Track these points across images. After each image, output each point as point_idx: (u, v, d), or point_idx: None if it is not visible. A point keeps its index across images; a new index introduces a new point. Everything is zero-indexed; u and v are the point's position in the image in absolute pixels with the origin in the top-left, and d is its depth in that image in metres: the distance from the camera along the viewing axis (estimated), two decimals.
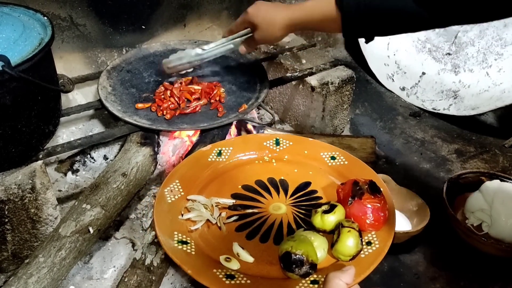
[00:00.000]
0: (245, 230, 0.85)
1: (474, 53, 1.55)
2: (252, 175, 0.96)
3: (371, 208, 0.82)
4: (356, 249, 0.77)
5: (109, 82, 1.27)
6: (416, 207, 1.18)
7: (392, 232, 0.81)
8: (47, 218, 1.04)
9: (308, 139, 1.05)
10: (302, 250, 0.73)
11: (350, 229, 0.78)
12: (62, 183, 1.30)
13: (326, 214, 0.82)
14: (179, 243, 0.78)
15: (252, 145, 1.01)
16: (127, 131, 1.14)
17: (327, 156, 0.99)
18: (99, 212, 1.02)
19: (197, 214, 0.86)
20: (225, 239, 0.82)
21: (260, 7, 1.08)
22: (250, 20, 1.08)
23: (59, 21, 1.28)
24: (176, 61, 1.23)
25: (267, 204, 0.90)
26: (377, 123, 1.60)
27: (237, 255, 0.80)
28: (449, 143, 1.51)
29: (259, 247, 0.81)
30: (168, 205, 0.86)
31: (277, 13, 1.05)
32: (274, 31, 1.06)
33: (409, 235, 1.10)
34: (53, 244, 0.95)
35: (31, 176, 0.99)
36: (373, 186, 0.85)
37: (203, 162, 0.97)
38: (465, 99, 1.55)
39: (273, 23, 1.05)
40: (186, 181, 0.91)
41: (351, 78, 1.40)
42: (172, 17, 1.49)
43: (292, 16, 1.03)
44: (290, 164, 0.99)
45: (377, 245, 0.79)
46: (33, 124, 0.95)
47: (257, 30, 1.08)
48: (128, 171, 1.10)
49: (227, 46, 1.18)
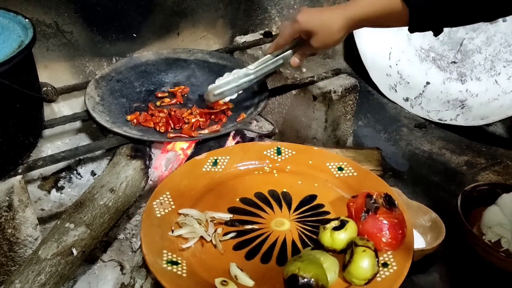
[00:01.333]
0: (244, 248, 0.76)
1: (481, 61, 1.49)
2: (251, 186, 0.87)
3: (388, 224, 0.73)
4: (372, 271, 0.68)
5: (97, 92, 1.18)
6: (429, 222, 1.09)
7: (411, 252, 0.72)
8: (26, 240, 0.94)
9: (313, 148, 0.97)
10: (311, 272, 0.64)
11: (365, 249, 0.69)
12: (45, 202, 1.21)
13: (337, 231, 0.73)
14: (168, 264, 0.69)
15: (251, 154, 0.93)
16: (116, 143, 1.05)
17: (334, 166, 0.91)
18: (83, 232, 0.93)
19: (189, 230, 0.77)
20: (221, 259, 0.73)
21: (311, 12, 1.00)
22: (303, 28, 0.98)
23: (44, 28, 1.21)
24: (223, 86, 1.07)
25: (268, 219, 0.81)
26: (381, 134, 1.52)
27: (235, 277, 0.70)
28: (458, 155, 1.43)
29: (260, 269, 0.72)
30: (158, 220, 0.77)
31: (333, 14, 0.97)
32: (333, 33, 0.96)
33: (424, 253, 1.01)
34: (32, 268, 0.85)
35: (8, 193, 0.89)
36: (389, 199, 0.76)
37: (197, 173, 0.88)
38: (473, 108, 1.48)
39: (331, 25, 0.96)
40: (177, 193, 0.83)
41: (355, 86, 1.33)
42: (165, 25, 1.42)
43: (350, 15, 0.94)
44: (293, 175, 0.90)
45: (394, 267, 0.70)
46: (11, 135, 0.86)
47: (314, 36, 0.98)
48: (117, 186, 1.00)
49: (277, 62, 1.06)
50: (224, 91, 1.08)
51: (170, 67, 1.31)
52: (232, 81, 1.07)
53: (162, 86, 1.23)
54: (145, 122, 1.09)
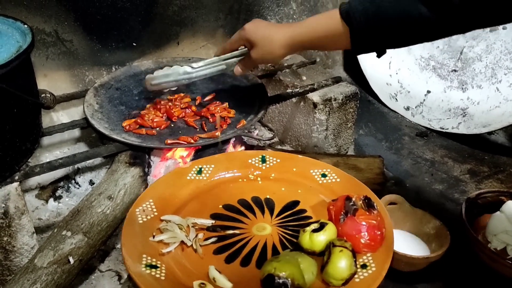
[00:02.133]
0: (224, 252, 0.76)
1: (482, 69, 1.48)
2: (235, 194, 0.87)
3: (366, 225, 0.73)
4: (350, 271, 0.67)
5: (96, 100, 1.17)
6: (433, 230, 1.07)
7: (390, 253, 0.72)
8: (22, 248, 0.92)
9: (297, 156, 0.97)
10: (287, 272, 0.63)
11: (342, 249, 0.69)
12: (43, 211, 1.19)
13: (316, 233, 0.73)
14: (147, 267, 0.69)
15: (236, 163, 0.93)
16: (114, 150, 1.04)
17: (318, 173, 0.91)
18: (81, 240, 0.91)
19: (170, 236, 0.77)
20: (201, 263, 0.73)
21: (259, 23, 1.01)
22: (247, 37, 1.00)
23: (44, 36, 1.20)
24: (161, 78, 1.13)
25: (250, 224, 0.81)
26: (383, 143, 1.51)
27: (213, 280, 0.70)
28: (460, 163, 1.41)
29: (239, 272, 0.72)
30: (139, 226, 0.77)
31: (277, 30, 0.98)
32: (273, 49, 0.97)
33: (428, 261, 0.99)
34: (27, 277, 0.84)
35: (4, 200, 0.88)
36: (368, 201, 0.76)
37: (181, 181, 0.88)
38: (475, 116, 1.47)
39: (272, 40, 0.97)
40: (161, 200, 0.83)
41: (355, 94, 1.32)
42: (165, 34, 1.42)
43: (293, 34, 0.96)
44: (277, 182, 0.91)
45: (373, 268, 0.69)
46: (8, 140, 0.85)
47: (255, 48, 1.00)
48: (115, 193, 0.99)
49: (219, 66, 1.08)
50: (161, 83, 1.13)
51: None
52: (170, 75, 1.11)
53: (162, 94, 1.22)
54: (137, 130, 1.08)
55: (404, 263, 1.00)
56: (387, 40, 0.88)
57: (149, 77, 1.14)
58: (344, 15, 0.86)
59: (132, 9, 1.30)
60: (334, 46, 0.97)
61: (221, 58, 1.07)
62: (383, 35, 0.86)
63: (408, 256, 0.98)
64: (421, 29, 0.83)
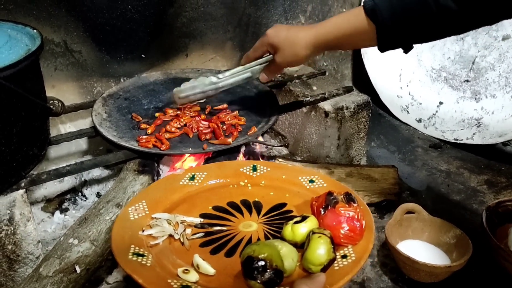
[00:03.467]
0: (210, 245, 0.77)
1: (495, 78, 1.46)
2: (224, 197, 0.89)
3: (346, 217, 0.74)
4: (328, 257, 0.67)
5: (104, 109, 1.15)
6: (454, 239, 1.03)
7: (370, 245, 0.72)
8: (27, 257, 0.89)
9: (287, 165, 1.01)
10: (265, 253, 0.63)
11: (320, 235, 0.69)
12: (49, 223, 1.16)
13: (297, 224, 0.74)
14: (134, 255, 0.71)
15: (228, 171, 0.95)
16: (123, 158, 1.01)
17: (306, 179, 0.93)
18: (88, 248, 0.88)
19: (158, 230, 0.77)
20: (187, 254, 0.74)
21: (280, 27, 1.01)
22: (270, 41, 0.99)
23: (53, 46, 1.19)
24: (188, 90, 1.09)
25: (237, 222, 0.83)
26: (396, 155, 1.48)
27: (197, 267, 0.70)
28: (477, 174, 1.37)
29: (223, 261, 0.73)
30: (130, 222, 0.79)
31: (300, 31, 0.97)
32: (297, 51, 0.96)
33: (450, 270, 0.94)
34: (32, 286, 0.80)
35: (10, 206, 0.85)
36: (348, 196, 0.78)
37: (174, 186, 0.90)
38: (490, 126, 1.44)
39: (296, 42, 0.96)
40: (153, 202, 0.85)
41: (367, 103, 1.30)
42: (174, 46, 1.41)
43: (317, 33, 0.95)
44: (267, 188, 0.92)
45: (353, 257, 0.70)
46: (14, 144, 0.83)
47: (279, 52, 0.99)
48: (124, 201, 0.96)
49: (245, 74, 1.07)
50: (189, 95, 1.09)
51: (179, 86, 1.29)
52: (197, 86, 1.08)
53: (171, 103, 1.20)
54: (144, 143, 1.04)
55: (424, 273, 0.96)
56: (414, 35, 0.87)
57: (177, 90, 1.10)
58: (369, 12, 0.86)
59: (141, 20, 1.30)
60: (360, 44, 0.97)
61: (246, 67, 1.06)
62: (410, 30, 0.85)
63: (429, 265, 0.94)
64: (447, 22, 0.82)
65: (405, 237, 1.05)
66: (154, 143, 1.02)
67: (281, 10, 1.59)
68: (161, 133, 1.06)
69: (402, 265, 0.99)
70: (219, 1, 1.42)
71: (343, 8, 1.74)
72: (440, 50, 1.59)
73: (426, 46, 1.61)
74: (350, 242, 0.73)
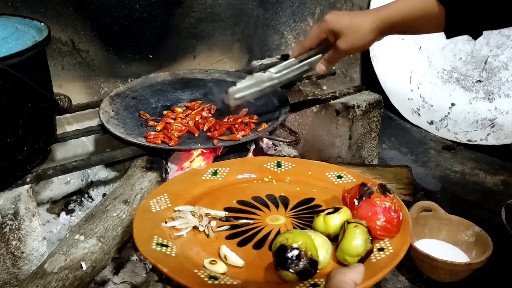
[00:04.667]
0: (237, 238, 0.73)
1: (508, 77, 1.43)
2: (249, 192, 0.85)
3: (382, 207, 0.69)
4: (365, 247, 0.63)
5: (111, 107, 1.13)
6: (473, 237, 0.99)
7: (408, 238, 0.68)
8: (32, 254, 0.86)
9: (313, 161, 0.95)
10: (299, 242, 0.59)
11: (357, 224, 0.65)
12: (54, 224, 1.13)
13: (330, 215, 0.69)
14: (158, 245, 0.67)
15: (251, 167, 0.91)
16: (130, 154, 0.99)
17: (333, 175, 0.89)
18: (94, 245, 0.85)
19: (182, 222, 0.74)
20: (212, 245, 0.70)
21: (341, 13, 0.96)
22: (331, 27, 0.93)
23: (60, 45, 1.18)
24: (245, 89, 0.99)
25: (263, 216, 0.79)
26: (408, 156, 1.45)
27: (225, 258, 0.66)
28: (493, 175, 1.34)
29: (252, 253, 0.69)
30: (152, 214, 0.75)
31: (363, 15, 0.93)
32: (362, 35, 0.91)
33: (471, 268, 0.91)
34: (36, 283, 0.77)
35: (15, 201, 0.82)
36: (383, 187, 0.73)
37: (196, 180, 0.87)
38: (505, 126, 1.40)
39: (361, 27, 0.91)
40: (174, 195, 0.81)
41: (379, 102, 1.27)
42: (182, 47, 1.39)
43: (382, 18, 0.90)
44: (292, 183, 0.88)
45: (390, 250, 0.65)
46: (20, 136, 0.81)
47: (341, 38, 0.93)
48: (131, 198, 0.93)
49: (303, 67, 1.00)
50: (246, 95, 1.00)
51: (187, 86, 1.27)
52: (254, 84, 0.99)
53: (179, 102, 1.19)
54: (152, 139, 1.01)
55: (444, 272, 0.92)
56: (486, 20, 0.82)
57: (233, 91, 0.99)
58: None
59: (149, 20, 1.28)
60: (426, 28, 0.90)
61: (300, 59, 0.99)
62: (482, 15, 0.81)
63: (449, 263, 0.90)
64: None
65: (422, 236, 1.02)
66: (163, 139, 0.99)
67: (289, 12, 1.58)
68: (170, 130, 1.03)
69: (420, 264, 0.95)
70: (226, 2, 1.41)
71: None
72: (451, 51, 1.56)
73: (437, 48, 1.59)
74: (386, 235, 0.68)
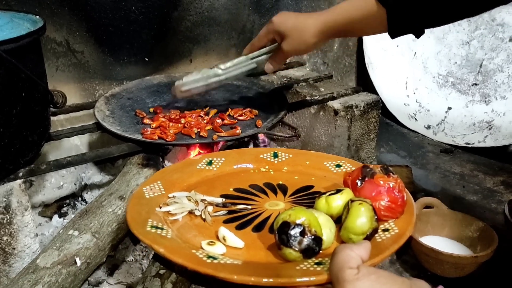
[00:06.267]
0: (236, 222, 0.69)
1: (504, 79, 1.44)
2: (246, 180, 0.82)
3: (386, 187, 0.66)
4: (371, 225, 0.60)
5: (107, 107, 1.11)
6: (477, 232, 0.97)
7: (413, 219, 0.64)
8: (23, 251, 0.83)
9: (310, 151, 0.92)
10: (303, 218, 0.56)
11: (361, 202, 0.61)
12: (46, 227, 1.10)
13: (332, 196, 0.66)
14: (152, 227, 0.63)
15: (247, 157, 0.88)
16: (126, 150, 0.97)
17: (332, 164, 0.86)
18: (89, 240, 0.82)
19: (177, 207, 0.70)
20: (209, 229, 0.67)
21: (288, 14, 0.97)
22: (277, 29, 0.96)
23: (54, 46, 1.17)
24: (191, 83, 1.04)
25: (262, 202, 0.75)
26: (407, 159, 1.43)
27: (223, 239, 0.63)
28: (492, 176, 1.33)
29: (251, 236, 0.65)
30: (146, 200, 0.71)
31: (308, 18, 0.94)
32: (306, 38, 0.93)
33: (477, 261, 0.88)
34: (28, 278, 0.74)
35: (7, 194, 0.80)
36: (386, 168, 0.70)
37: (190, 169, 0.83)
38: (502, 128, 1.40)
39: (305, 30, 0.93)
40: (169, 183, 0.78)
41: (377, 102, 1.26)
42: (178, 51, 1.39)
43: (326, 20, 0.92)
44: (290, 173, 0.85)
45: (396, 230, 0.62)
46: (13, 126, 0.78)
47: (286, 40, 0.95)
48: (127, 194, 0.91)
49: (250, 65, 1.02)
50: (191, 89, 1.04)
51: None
52: (200, 79, 1.03)
53: (176, 102, 1.17)
54: (149, 135, 1.00)
55: (449, 266, 0.90)
56: (426, 18, 0.84)
57: (179, 84, 1.05)
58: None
59: (145, 23, 1.28)
60: (370, 30, 0.92)
61: (249, 57, 1.01)
62: (422, 13, 0.82)
63: (454, 256, 0.88)
64: (461, 2, 0.79)
65: (425, 232, 1.00)
66: (160, 135, 0.97)
67: None
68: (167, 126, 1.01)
69: (424, 259, 0.93)
70: (223, 7, 1.41)
71: None
72: (446, 55, 1.57)
73: (432, 53, 1.60)
74: (391, 215, 0.65)
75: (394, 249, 0.58)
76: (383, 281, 0.46)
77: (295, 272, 0.53)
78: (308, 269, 0.54)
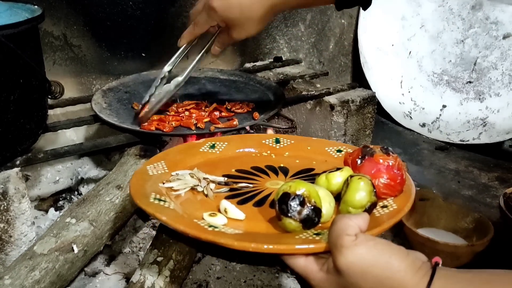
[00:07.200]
0: (237, 198, 0.70)
1: (498, 77, 1.45)
2: (248, 162, 0.83)
3: (385, 165, 0.66)
4: (369, 199, 0.60)
5: (104, 100, 1.11)
6: (472, 223, 0.98)
7: (411, 196, 0.65)
8: (20, 239, 0.82)
9: (312, 138, 0.93)
10: (303, 189, 0.57)
11: (361, 177, 0.62)
12: (42, 220, 1.09)
13: (332, 173, 0.67)
14: (155, 199, 0.64)
15: (250, 142, 0.89)
16: (124, 141, 0.97)
17: (333, 150, 0.86)
18: (86, 228, 0.81)
19: (180, 183, 0.71)
20: (212, 204, 0.68)
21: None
22: (222, 17, 0.90)
23: (52, 39, 1.17)
24: (157, 105, 1.01)
25: (263, 182, 0.76)
26: (402, 156, 1.44)
27: (225, 211, 0.64)
28: (487, 172, 1.34)
29: (252, 210, 0.66)
30: (149, 176, 0.72)
31: (253, 2, 0.89)
32: (255, 23, 0.90)
33: (473, 250, 0.89)
34: (25, 264, 0.73)
35: (4, 181, 0.79)
36: (385, 148, 0.71)
37: (193, 151, 0.84)
38: (496, 124, 1.41)
39: (252, 15, 0.89)
40: (172, 163, 0.78)
41: (373, 97, 1.27)
42: (175, 47, 1.38)
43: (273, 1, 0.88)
44: (292, 157, 0.86)
45: (394, 207, 0.63)
46: (11, 113, 0.78)
47: (235, 29, 0.91)
48: (124, 184, 0.91)
49: (202, 58, 1.02)
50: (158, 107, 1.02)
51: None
52: (165, 96, 1.02)
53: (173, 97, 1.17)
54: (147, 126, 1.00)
55: (445, 256, 0.89)
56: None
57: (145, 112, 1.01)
58: None
59: (142, 18, 1.28)
60: (318, 1, 0.91)
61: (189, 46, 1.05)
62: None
63: (450, 245, 0.89)
64: None
65: (421, 224, 1.00)
66: (157, 126, 0.98)
67: (281, 17, 1.59)
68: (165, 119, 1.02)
69: (420, 249, 0.91)
70: None
71: (341, 19, 1.76)
72: (440, 54, 1.59)
73: (427, 52, 1.62)
74: (390, 193, 0.66)
75: (392, 223, 0.59)
76: (380, 247, 0.46)
77: (294, 241, 0.54)
78: (307, 238, 0.55)
